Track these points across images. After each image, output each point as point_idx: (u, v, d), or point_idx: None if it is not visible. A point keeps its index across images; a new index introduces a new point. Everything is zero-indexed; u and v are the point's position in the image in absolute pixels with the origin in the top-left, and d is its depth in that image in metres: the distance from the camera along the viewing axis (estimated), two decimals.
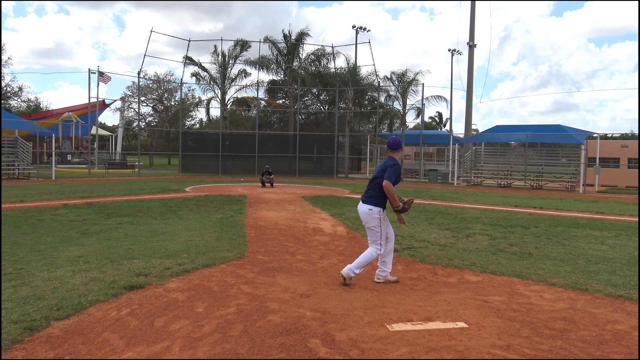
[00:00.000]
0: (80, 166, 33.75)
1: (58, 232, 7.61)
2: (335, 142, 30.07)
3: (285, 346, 3.36)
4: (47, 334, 3.49)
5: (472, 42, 30.03)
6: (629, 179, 24.29)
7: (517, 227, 9.32)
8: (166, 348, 3.32)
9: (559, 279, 5.37)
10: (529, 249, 7.14)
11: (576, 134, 23.53)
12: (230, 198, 13.98)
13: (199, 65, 30.84)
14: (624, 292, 4.86)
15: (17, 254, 5.99)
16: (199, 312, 4.07)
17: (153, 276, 5.11)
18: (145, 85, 41.23)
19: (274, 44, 31.14)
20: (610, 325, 3.94)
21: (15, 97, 42.60)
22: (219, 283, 4.97)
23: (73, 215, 9.60)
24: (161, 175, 27.94)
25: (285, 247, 7.10)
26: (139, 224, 8.64)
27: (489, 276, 5.54)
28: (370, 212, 5.09)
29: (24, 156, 22.34)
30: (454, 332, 3.69)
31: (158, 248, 6.59)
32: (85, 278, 4.94)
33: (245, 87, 32.39)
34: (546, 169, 25.53)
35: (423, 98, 29.03)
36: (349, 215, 10.71)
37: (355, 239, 7.88)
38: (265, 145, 29.84)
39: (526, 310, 4.31)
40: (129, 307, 4.12)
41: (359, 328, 3.73)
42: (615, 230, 9.28)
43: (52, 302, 4.14)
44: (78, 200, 12.35)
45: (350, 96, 30.47)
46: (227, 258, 6.11)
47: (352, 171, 34.17)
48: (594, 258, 6.59)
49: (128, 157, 41.43)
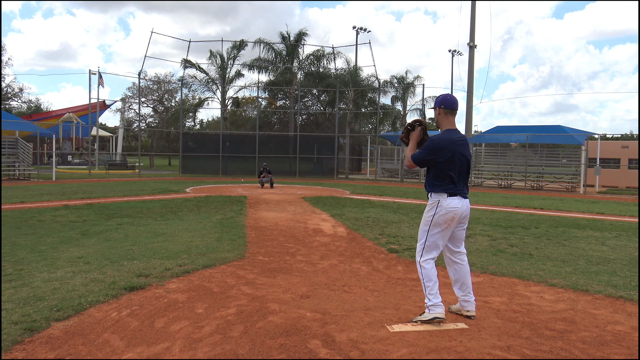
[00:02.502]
0: (80, 167, 33.77)
1: (58, 233, 7.61)
2: (335, 142, 30.07)
3: (286, 347, 3.36)
4: (47, 335, 3.49)
5: (473, 43, 30.02)
6: (630, 179, 24.26)
7: (517, 228, 9.31)
8: (166, 349, 3.32)
9: (560, 280, 5.37)
10: (529, 250, 7.13)
11: (577, 135, 23.52)
12: (231, 199, 13.98)
13: (197, 67, 30.86)
14: (625, 293, 4.86)
15: (18, 255, 5.99)
16: (199, 313, 4.06)
17: (153, 277, 5.11)
18: (145, 86, 41.27)
19: (271, 46, 31.15)
20: (611, 326, 3.93)
21: (16, 98, 42.64)
22: (219, 284, 4.97)
23: (73, 216, 9.60)
24: (161, 176, 27.95)
25: (285, 248, 7.09)
26: (139, 225, 8.63)
27: (489, 277, 5.53)
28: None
29: (25, 157, 22.34)
30: (454, 333, 3.69)
31: (158, 249, 6.59)
32: (86, 279, 4.94)
33: (244, 87, 32.47)
34: (547, 170, 25.51)
35: (423, 98, 29.05)
36: (349, 216, 10.71)
37: (356, 239, 7.88)
38: (266, 146, 29.83)
39: (526, 311, 4.30)
40: (129, 308, 4.11)
41: (360, 329, 3.73)
42: (615, 231, 9.27)
43: (53, 303, 4.14)
44: (78, 201, 12.35)
45: (351, 97, 30.48)
46: (227, 259, 6.11)
47: (352, 172, 34.15)
48: (595, 259, 6.58)
49: (128, 158, 41.46)
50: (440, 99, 3.99)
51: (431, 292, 3.84)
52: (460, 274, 4.03)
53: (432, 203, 3.93)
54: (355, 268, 5.91)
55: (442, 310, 3.84)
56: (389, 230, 8.81)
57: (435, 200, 3.91)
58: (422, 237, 3.95)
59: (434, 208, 3.90)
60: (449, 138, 3.89)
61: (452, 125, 3.99)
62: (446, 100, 3.96)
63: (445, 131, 3.95)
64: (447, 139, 3.88)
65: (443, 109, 3.94)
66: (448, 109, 3.95)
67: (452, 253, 4.06)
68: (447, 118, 3.96)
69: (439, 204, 3.88)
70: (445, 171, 3.86)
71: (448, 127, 3.96)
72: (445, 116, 3.96)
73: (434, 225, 3.89)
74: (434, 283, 3.86)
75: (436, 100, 4.04)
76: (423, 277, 3.87)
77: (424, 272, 3.87)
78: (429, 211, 3.94)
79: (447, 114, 3.96)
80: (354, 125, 34.16)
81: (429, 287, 3.85)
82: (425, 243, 3.92)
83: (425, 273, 3.86)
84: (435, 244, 3.92)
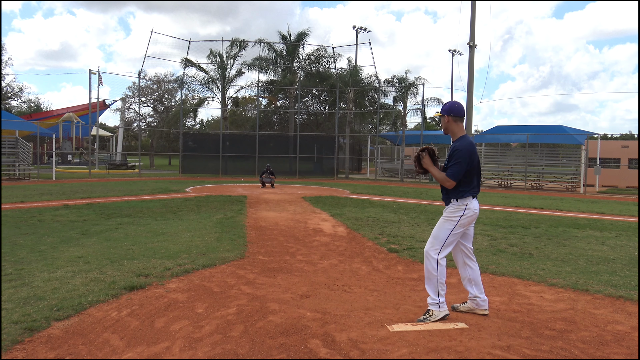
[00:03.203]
0: (80, 167, 33.77)
1: (58, 233, 7.61)
2: (335, 142, 30.07)
3: (286, 347, 3.36)
4: (47, 335, 3.49)
5: (473, 43, 30.01)
6: (630, 179, 24.27)
7: (517, 228, 9.31)
8: (166, 348, 3.32)
9: (560, 280, 5.37)
10: (529, 250, 7.13)
11: (577, 135, 23.52)
12: (231, 198, 13.98)
13: (197, 66, 30.85)
14: (625, 293, 4.86)
15: (18, 255, 5.99)
16: (199, 312, 4.06)
17: (153, 277, 5.11)
18: (145, 85, 41.27)
19: (271, 46, 31.15)
20: (611, 326, 3.94)
21: (16, 97, 42.66)
22: (220, 283, 4.97)
23: (73, 215, 9.60)
24: (161, 175, 27.95)
25: (285, 247, 7.09)
26: (139, 225, 8.64)
27: (489, 276, 5.53)
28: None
29: (25, 157, 22.35)
30: (454, 333, 3.69)
31: (158, 248, 6.59)
32: (86, 278, 4.94)
33: (245, 87, 32.46)
34: (547, 170, 25.52)
35: (423, 98, 29.05)
36: (349, 215, 10.71)
37: (356, 239, 7.88)
38: (266, 145, 29.84)
39: (526, 310, 4.30)
40: (129, 308, 4.12)
41: (360, 329, 3.73)
42: (615, 230, 9.27)
43: (53, 302, 4.14)
44: (78, 201, 12.35)
45: (351, 97, 30.48)
46: (227, 259, 6.11)
47: (352, 172, 34.16)
48: (595, 258, 6.58)
49: (128, 157, 41.47)
50: (448, 106, 4.04)
51: (442, 290, 3.93)
52: (475, 273, 4.12)
53: (460, 205, 3.96)
54: (355, 268, 5.91)
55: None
56: (389, 230, 8.81)
57: (464, 202, 3.96)
58: (444, 235, 3.97)
59: (462, 210, 3.95)
60: (471, 143, 3.97)
61: (463, 131, 4.06)
62: (454, 108, 4.02)
63: (462, 138, 3.99)
64: (470, 145, 3.95)
65: (452, 117, 4.00)
66: (457, 117, 4.01)
67: (467, 250, 4.14)
68: (458, 125, 4.02)
69: (467, 206, 3.95)
70: (471, 176, 3.97)
71: (461, 133, 4.02)
72: (455, 123, 4.01)
73: (460, 226, 3.97)
74: (445, 281, 3.98)
75: (443, 108, 4.06)
76: (438, 274, 3.92)
77: (440, 269, 3.93)
78: (456, 212, 3.97)
79: (457, 121, 4.01)
80: (354, 125, 34.16)
81: (442, 285, 3.93)
82: (446, 241, 3.97)
83: (441, 270, 3.93)
84: (453, 242, 4.03)
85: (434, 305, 3.93)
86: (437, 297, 3.93)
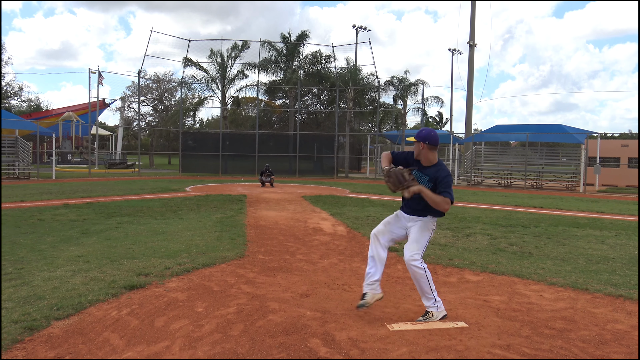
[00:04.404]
0: (80, 166, 33.76)
1: (58, 232, 7.61)
2: (335, 141, 30.06)
3: (286, 346, 3.36)
4: (47, 334, 3.49)
5: (473, 42, 30.03)
6: (629, 178, 24.26)
7: (517, 227, 9.31)
8: (166, 348, 3.32)
9: (559, 279, 5.37)
10: (529, 249, 7.13)
11: (576, 134, 23.52)
12: (231, 198, 13.98)
13: (197, 66, 30.84)
14: (624, 292, 4.86)
15: (18, 254, 5.99)
16: (199, 311, 4.07)
17: (153, 276, 5.11)
18: (145, 85, 41.25)
19: (272, 46, 31.11)
20: (611, 325, 3.94)
21: (16, 97, 42.63)
22: (219, 283, 4.97)
23: (73, 215, 9.60)
24: (161, 174, 27.95)
25: (285, 246, 7.10)
26: (139, 224, 8.64)
27: (489, 276, 5.53)
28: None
29: (24, 156, 22.34)
30: (454, 332, 3.69)
31: (158, 248, 6.59)
32: (86, 278, 4.94)
33: (245, 87, 32.43)
34: (546, 169, 25.53)
35: (423, 98, 29.04)
36: (349, 214, 10.71)
37: (355, 238, 7.88)
38: (266, 144, 29.84)
39: (526, 309, 4.31)
40: (129, 307, 4.12)
41: (359, 328, 3.73)
42: (615, 229, 9.27)
43: (52, 301, 4.14)
44: (78, 200, 12.35)
45: (351, 96, 30.48)
46: (227, 258, 6.11)
47: (352, 171, 34.15)
48: (594, 257, 6.58)
49: (128, 156, 41.45)
50: (425, 134, 4.01)
51: (435, 290, 4.01)
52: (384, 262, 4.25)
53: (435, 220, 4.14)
54: (355, 267, 5.91)
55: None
56: None
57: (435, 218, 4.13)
58: (424, 243, 4.08)
59: (435, 223, 4.16)
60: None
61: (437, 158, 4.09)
62: (430, 136, 4.00)
63: (441, 163, 4.07)
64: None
65: (428, 145, 3.98)
66: (432, 145, 4.00)
67: (389, 244, 4.27)
68: (432, 153, 4.03)
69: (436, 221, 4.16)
70: None
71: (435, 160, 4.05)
72: (430, 151, 4.01)
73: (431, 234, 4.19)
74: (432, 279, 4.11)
75: (419, 135, 4.02)
76: (428, 277, 3.98)
77: (427, 274, 3.98)
78: (432, 225, 4.14)
79: (432, 149, 4.02)
80: (353, 124, 34.15)
81: (433, 285, 4.01)
82: (425, 246, 4.09)
83: (428, 274, 3.98)
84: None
85: (433, 307, 3.98)
86: (432, 298, 3.97)
